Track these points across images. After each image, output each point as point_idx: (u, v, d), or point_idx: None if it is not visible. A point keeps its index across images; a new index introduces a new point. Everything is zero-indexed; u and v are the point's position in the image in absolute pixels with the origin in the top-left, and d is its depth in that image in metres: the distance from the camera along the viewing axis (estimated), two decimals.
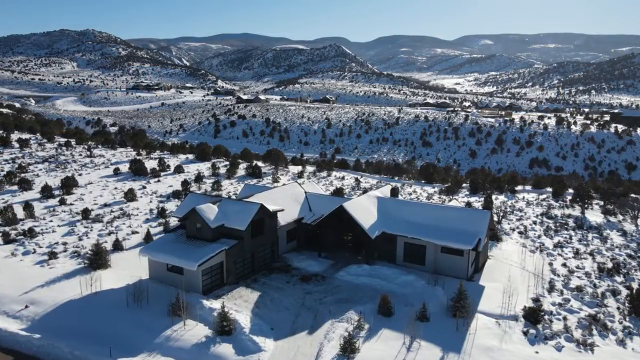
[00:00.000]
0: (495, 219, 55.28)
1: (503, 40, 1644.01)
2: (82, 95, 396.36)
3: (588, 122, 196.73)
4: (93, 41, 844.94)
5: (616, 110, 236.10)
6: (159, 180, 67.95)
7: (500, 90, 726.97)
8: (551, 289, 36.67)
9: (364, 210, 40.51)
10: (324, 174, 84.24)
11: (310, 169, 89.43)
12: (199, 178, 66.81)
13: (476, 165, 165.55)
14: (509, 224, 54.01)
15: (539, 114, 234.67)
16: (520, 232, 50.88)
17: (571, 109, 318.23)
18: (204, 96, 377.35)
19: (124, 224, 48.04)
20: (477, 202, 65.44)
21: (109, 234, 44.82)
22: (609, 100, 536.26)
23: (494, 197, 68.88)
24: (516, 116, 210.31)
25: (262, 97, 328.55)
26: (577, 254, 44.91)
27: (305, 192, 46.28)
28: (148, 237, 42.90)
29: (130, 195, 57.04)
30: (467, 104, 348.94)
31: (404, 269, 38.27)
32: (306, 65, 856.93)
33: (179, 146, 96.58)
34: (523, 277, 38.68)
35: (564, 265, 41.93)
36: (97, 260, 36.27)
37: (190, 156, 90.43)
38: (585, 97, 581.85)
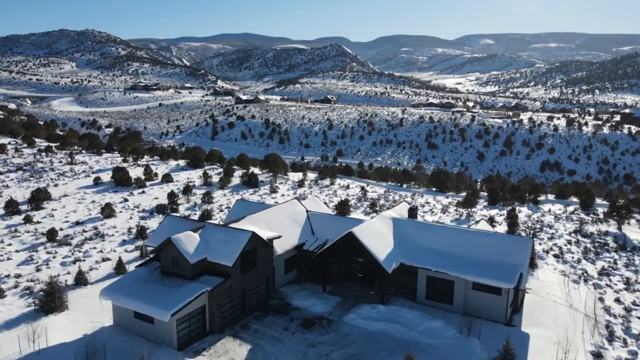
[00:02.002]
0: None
1: (504, 40, 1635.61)
2: (79, 95, 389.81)
3: (599, 122, 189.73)
4: (92, 41, 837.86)
5: (627, 111, 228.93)
6: (143, 192, 60.99)
7: (502, 89, 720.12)
8: (611, 336, 29.73)
9: (378, 237, 33.56)
10: (327, 182, 77.28)
11: (311, 175, 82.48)
12: (187, 189, 59.83)
13: (484, 168, 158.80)
14: (540, 244, 47.03)
15: (547, 114, 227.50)
16: (555, 255, 43.93)
17: (579, 109, 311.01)
18: (202, 96, 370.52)
19: (94, 247, 41.09)
20: (498, 215, 58.51)
21: (75, 261, 37.88)
22: (613, 99, 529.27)
23: (512, 208, 61.81)
24: (524, 117, 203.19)
25: (262, 97, 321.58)
26: (628, 284, 37.96)
27: (307, 211, 39.36)
28: (120, 266, 36.02)
29: (107, 211, 50.14)
30: (470, 103, 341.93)
31: (428, 311, 31.29)
32: (307, 65, 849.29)
33: (170, 151, 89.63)
34: (573, 319, 31.71)
35: (618, 300, 34.97)
36: (49, 302, 29.34)
37: (182, 162, 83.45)
38: (589, 96, 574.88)
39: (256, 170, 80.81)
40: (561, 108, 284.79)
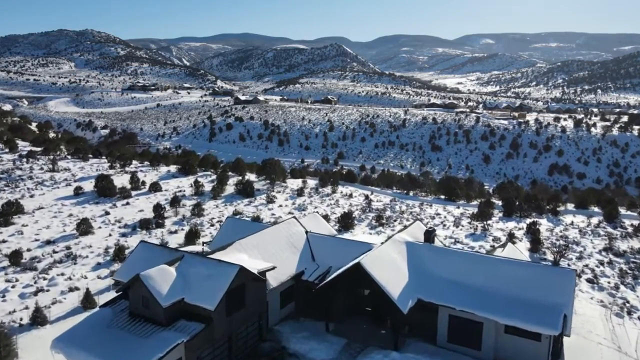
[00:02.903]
0: (550, 258, 43.19)
1: (504, 40, 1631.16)
2: (76, 96, 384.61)
3: (608, 123, 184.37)
4: (92, 41, 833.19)
5: (635, 111, 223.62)
6: (127, 203, 55.75)
7: (503, 89, 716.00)
8: None
9: (390, 267, 28.34)
10: (328, 189, 72.01)
11: (312, 182, 77.23)
12: (175, 200, 54.50)
13: (491, 171, 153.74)
14: (569, 265, 41.83)
15: (552, 114, 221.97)
16: (589, 280, 38.69)
17: (585, 110, 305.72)
18: (201, 97, 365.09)
19: (62, 274, 35.84)
20: (517, 229, 53.27)
21: (37, 292, 32.66)
22: (615, 99, 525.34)
23: (530, 220, 56.66)
24: (530, 117, 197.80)
25: (261, 97, 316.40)
26: None
27: (307, 233, 34.13)
28: (87, 299, 30.81)
29: (84, 227, 44.93)
30: (472, 103, 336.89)
31: (451, 358, 26.09)
32: (307, 65, 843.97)
33: (162, 156, 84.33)
34: None
35: None
36: None
37: (174, 168, 78.12)
38: (591, 96, 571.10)
39: (252, 177, 75.57)
40: (566, 108, 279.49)
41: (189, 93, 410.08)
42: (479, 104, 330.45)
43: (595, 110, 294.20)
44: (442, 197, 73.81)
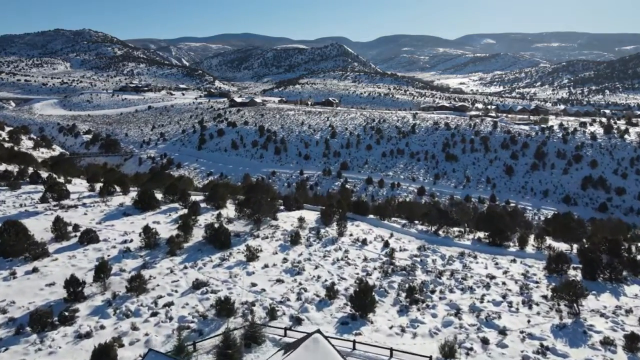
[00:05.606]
0: None
1: (505, 40, 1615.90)
2: (64, 97, 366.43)
3: (638, 128, 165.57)
4: (88, 41, 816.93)
5: None
6: (34, 270, 37.27)
7: (507, 89, 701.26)
8: None
9: None
10: (333, 230, 53.62)
11: (311, 217, 58.88)
12: (102, 268, 35.60)
13: (515, 185, 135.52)
14: None
15: (572, 117, 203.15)
16: None
17: (597, 110, 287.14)
18: (195, 98, 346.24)
19: None
20: (623, 311, 34.95)
21: None
22: (625, 100, 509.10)
23: (629, 288, 38.59)
24: (552, 122, 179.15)
25: (258, 99, 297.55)
26: None
27: None
28: None
29: None
30: (480, 105, 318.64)
31: None
32: (307, 65, 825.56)
33: (117, 180, 65.58)
34: None
35: None
36: None
37: (129, 199, 59.45)
38: (599, 97, 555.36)
39: (231, 213, 57.09)
40: (585, 111, 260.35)
41: (183, 94, 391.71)
42: (487, 105, 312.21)
43: (607, 111, 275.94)
44: (482, 235, 55.60)
